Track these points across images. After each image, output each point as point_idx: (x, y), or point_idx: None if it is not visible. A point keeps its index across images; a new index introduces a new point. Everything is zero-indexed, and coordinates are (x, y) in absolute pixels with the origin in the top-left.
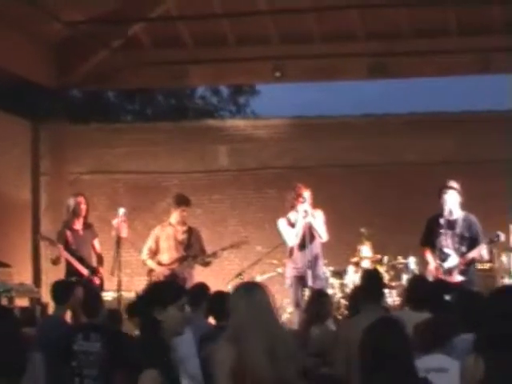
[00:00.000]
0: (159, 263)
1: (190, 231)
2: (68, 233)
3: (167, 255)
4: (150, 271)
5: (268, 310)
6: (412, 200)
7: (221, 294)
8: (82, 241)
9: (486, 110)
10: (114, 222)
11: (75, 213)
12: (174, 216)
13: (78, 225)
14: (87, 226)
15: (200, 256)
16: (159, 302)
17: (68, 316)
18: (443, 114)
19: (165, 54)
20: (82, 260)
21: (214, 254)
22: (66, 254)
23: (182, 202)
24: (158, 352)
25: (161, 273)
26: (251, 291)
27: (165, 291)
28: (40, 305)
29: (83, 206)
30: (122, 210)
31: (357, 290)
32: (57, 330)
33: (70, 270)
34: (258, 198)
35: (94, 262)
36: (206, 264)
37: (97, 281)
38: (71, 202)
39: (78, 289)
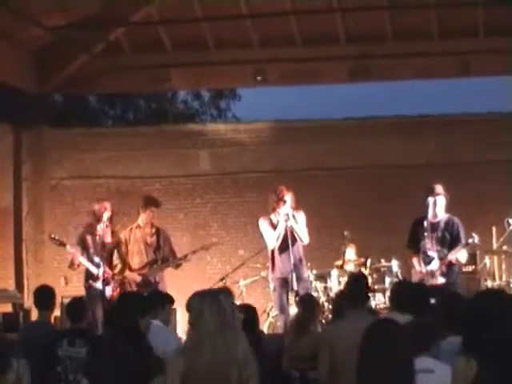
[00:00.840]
0: (130, 267)
1: (158, 232)
2: (88, 237)
3: (137, 259)
4: (123, 277)
5: (230, 318)
6: (394, 203)
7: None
8: (100, 247)
9: (467, 113)
10: (99, 227)
11: (98, 218)
12: (142, 218)
13: (100, 230)
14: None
15: (170, 259)
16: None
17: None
18: (424, 117)
19: (146, 58)
20: (98, 265)
21: (185, 257)
22: (78, 259)
23: (151, 203)
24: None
25: (132, 279)
26: (217, 298)
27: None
28: (23, 310)
29: (106, 212)
30: (106, 215)
31: (342, 293)
32: (41, 335)
33: (88, 274)
34: (240, 201)
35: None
36: (177, 266)
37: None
38: (96, 207)
39: None
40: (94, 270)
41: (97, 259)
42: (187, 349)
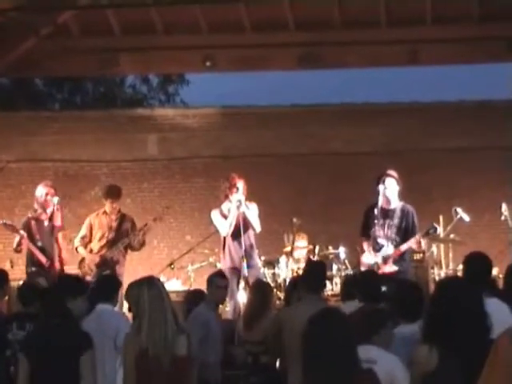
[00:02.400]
0: (90, 251)
1: (123, 218)
2: (32, 222)
3: (98, 244)
4: (82, 260)
5: (165, 301)
6: (341, 190)
7: None
8: (45, 232)
9: (413, 101)
10: (48, 210)
11: (41, 204)
12: (107, 206)
13: (44, 216)
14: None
15: (130, 236)
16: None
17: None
18: (370, 105)
19: (94, 41)
20: (43, 250)
21: (140, 232)
22: (27, 243)
23: (110, 194)
24: None
25: (91, 260)
26: (152, 284)
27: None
28: None
29: (50, 198)
30: (56, 199)
31: (298, 278)
32: None
33: (31, 259)
34: (188, 187)
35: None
36: (141, 244)
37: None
38: (39, 192)
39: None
40: (40, 256)
41: (40, 244)
42: (131, 334)
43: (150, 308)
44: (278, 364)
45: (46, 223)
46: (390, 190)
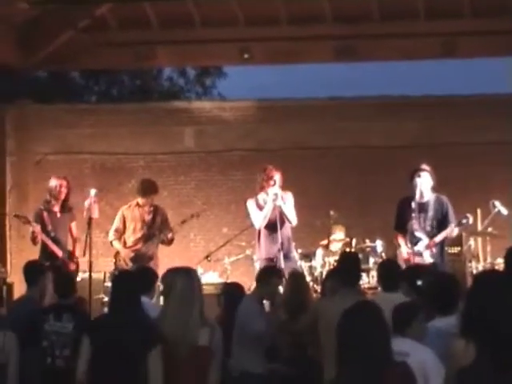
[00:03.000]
0: (125, 244)
1: (156, 211)
2: (45, 214)
3: (132, 237)
4: (117, 253)
5: (195, 293)
6: (377, 182)
7: None
8: (59, 223)
9: (451, 94)
10: (86, 202)
11: (54, 195)
12: (142, 200)
13: (57, 207)
14: (67, 209)
15: (163, 232)
16: None
17: None
18: (408, 98)
19: (131, 34)
20: (57, 242)
21: (174, 227)
22: (41, 235)
23: (150, 191)
24: None
25: (126, 255)
26: (187, 274)
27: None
28: (6, 285)
29: (63, 189)
30: (93, 191)
31: (334, 271)
32: (29, 310)
33: (45, 251)
34: (224, 180)
35: (69, 246)
36: (170, 242)
37: (72, 265)
38: (52, 183)
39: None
40: (55, 248)
41: (53, 235)
42: (158, 319)
43: (179, 296)
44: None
45: (58, 215)
46: (424, 184)
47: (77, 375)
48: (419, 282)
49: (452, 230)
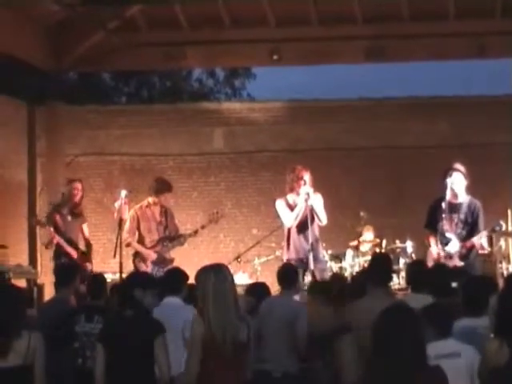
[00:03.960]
0: (142, 244)
1: (166, 211)
2: (57, 216)
3: (148, 237)
4: (136, 253)
5: (229, 288)
6: (408, 183)
7: None
8: (70, 225)
9: (482, 95)
10: (117, 204)
11: (67, 198)
12: (154, 199)
13: (67, 210)
14: (77, 212)
15: (182, 236)
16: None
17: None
18: (438, 98)
19: (161, 35)
20: (71, 243)
21: (195, 233)
22: (56, 237)
23: (165, 188)
24: None
25: (149, 255)
26: (219, 271)
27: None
28: (36, 286)
29: (77, 192)
30: (123, 192)
31: (364, 272)
32: (59, 311)
33: (59, 252)
34: (254, 180)
35: (82, 247)
36: (182, 244)
37: (89, 266)
38: (67, 187)
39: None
40: (69, 249)
41: (67, 236)
42: (198, 317)
43: (214, 294)
44: None
45: (69, 217)
46: (457, 184)
47: (95, 377)
48: (454, 284)
49: (483, 236)
